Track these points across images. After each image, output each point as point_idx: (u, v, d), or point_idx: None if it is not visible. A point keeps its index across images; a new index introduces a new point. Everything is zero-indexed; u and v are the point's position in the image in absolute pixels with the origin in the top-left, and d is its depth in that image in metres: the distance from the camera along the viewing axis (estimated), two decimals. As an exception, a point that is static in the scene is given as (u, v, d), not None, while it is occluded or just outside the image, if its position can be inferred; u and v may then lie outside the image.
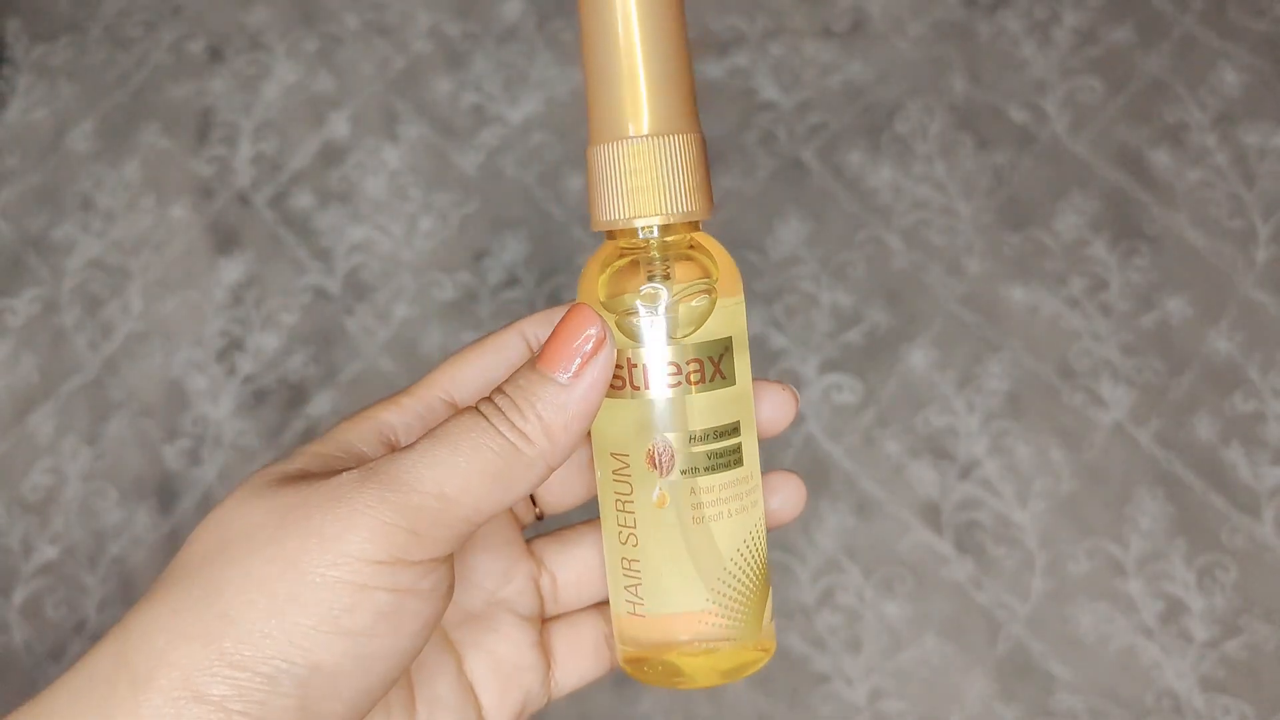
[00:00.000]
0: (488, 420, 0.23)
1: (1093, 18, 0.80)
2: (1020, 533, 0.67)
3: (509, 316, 0.76)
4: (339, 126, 0.83)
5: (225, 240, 0.80)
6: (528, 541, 0.30)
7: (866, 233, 0.76)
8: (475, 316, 0.76)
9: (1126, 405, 0.70)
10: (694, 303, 0.25)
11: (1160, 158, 0.76)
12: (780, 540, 0.68)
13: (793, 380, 0.72)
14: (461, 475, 0.22)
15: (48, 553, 0.72)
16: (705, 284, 0.25)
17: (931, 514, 0.68)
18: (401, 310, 0.77)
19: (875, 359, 0.72)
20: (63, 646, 0.70)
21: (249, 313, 0.78)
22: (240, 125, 0.84)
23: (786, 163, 0.78)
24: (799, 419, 0.71)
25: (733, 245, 0.76)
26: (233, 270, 0.79)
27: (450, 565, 0.23)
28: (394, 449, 0.26)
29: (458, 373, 0.28)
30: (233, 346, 0.77)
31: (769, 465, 0.28)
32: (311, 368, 0.76)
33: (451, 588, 0.23)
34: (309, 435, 0.74)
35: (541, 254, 0.77)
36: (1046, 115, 0.78)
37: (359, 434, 0.26)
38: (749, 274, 0.75)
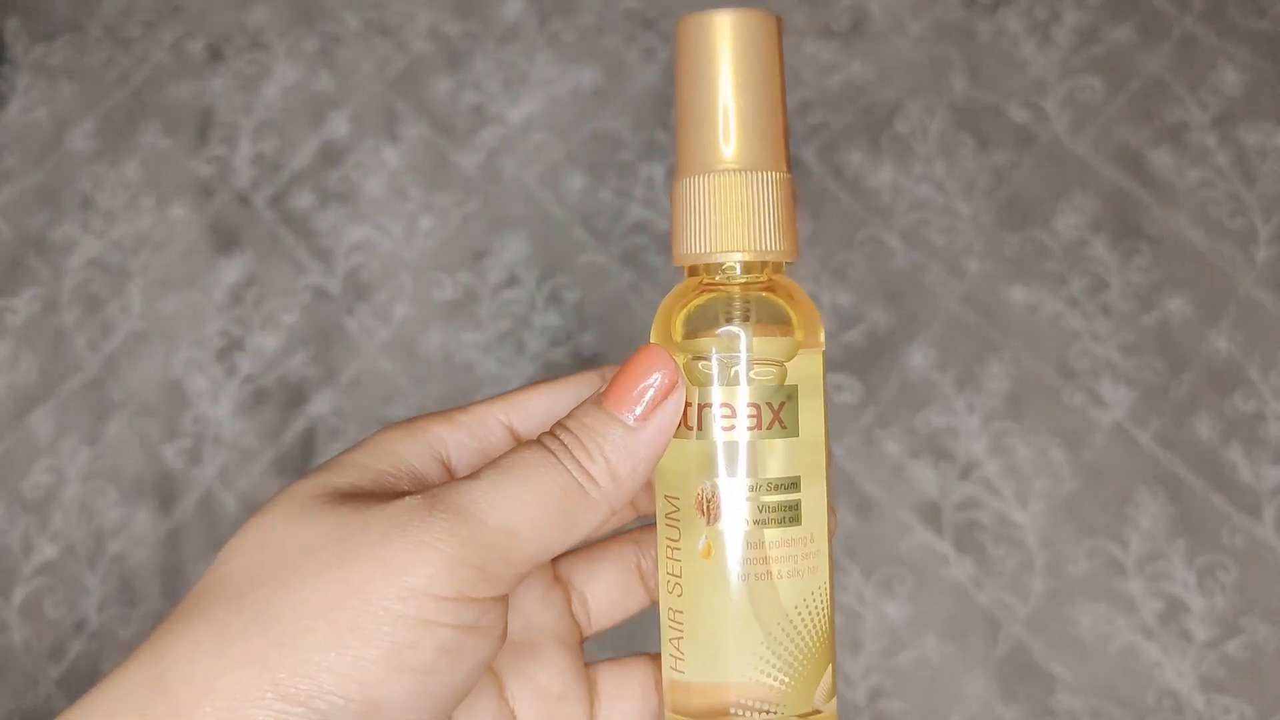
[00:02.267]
0: (555, 457, 0.22)
1: (1093, 17, 0.80)
2: (1020, 533, 0.67)
3: (509, 317, 0.76)
4: (339, 126, 0.83)
5: (225, 240, 0.80)
6: (554, 565, 0.29)
7: (866, 233, 0.76)
8: (475, 316, 0.76)
9: (1126, 405, 0.70)
10: (765, 373, 0.24)
11: (1160, 158, 0.76)
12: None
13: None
14: (530, 513, 0.21)
15: (47, 552, 0.72)
16: (779, 359, 0.24)
17: (931, 514, 0.68)
18: (401, 310, 0.77)
19: (875, 359, 0.72)
20: (62, 646, 0.70)
21: (249, 313, 0.78)
22: (240, 125, 0.84)
23: (786, 163, 0.78)
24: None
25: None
26: (233, 270, 0.79)
27: (506, 602, 0.22)
28: (445, 466, 0.25)
29: (524, 401, 0.27)
30: (233, 346, 0.77)
31: None
32: (311, 368, 0.76)
33: (506, 625, 0.23)
34: (309, 435, 0.74)
35: (541, 254, 0.77)
36: (1047, 115, 0.78)
37: (410, 448, 0.25)
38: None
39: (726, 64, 0.24)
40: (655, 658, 0.28)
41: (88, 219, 0.81)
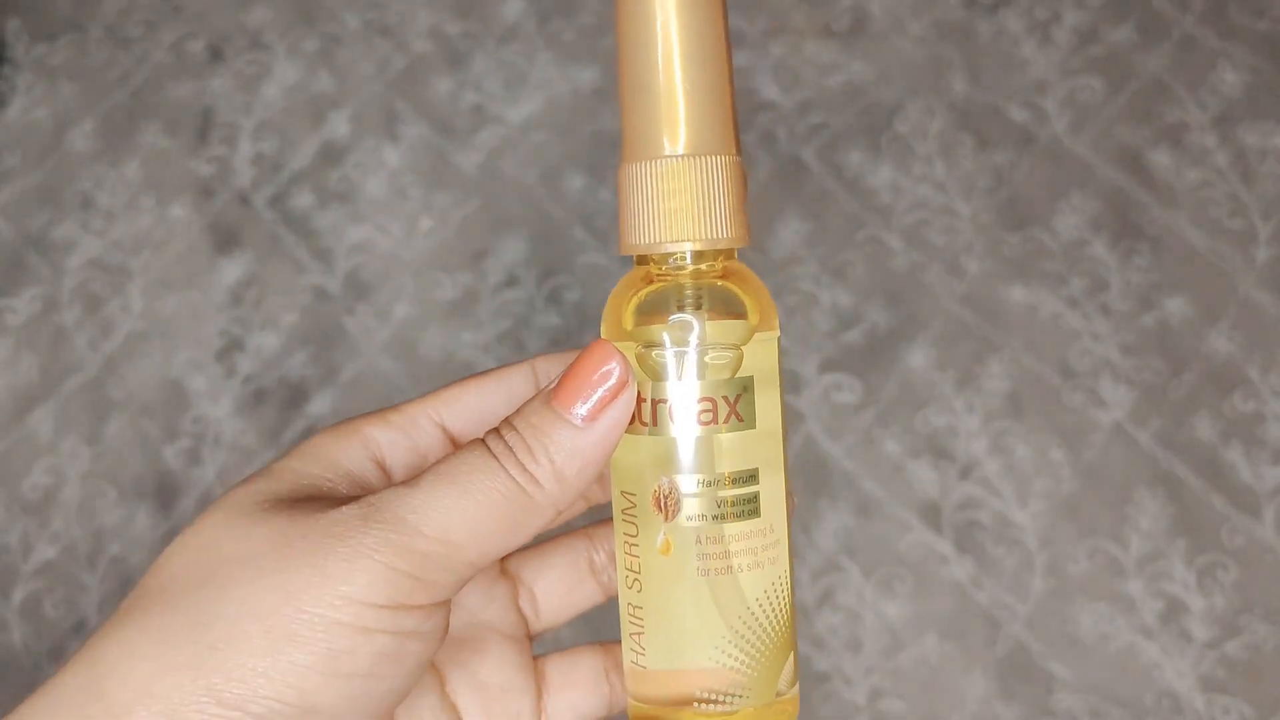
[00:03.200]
0: (497, 460, 0.21)
1: (1093, 18, 0.80)
2: (1020, 533, 0.67)
3: (509, 316, 0.76)
4: (339, 126, 0.83)
5: (225, 240, 0.80)
6: (503, 560, 0.29)
7: (866, 233, 0.76)
8: (475, 317, 0.76)
9: (1126, 405, 0.70)
10: (720, 357, 0.24)
11: (1160, 158, 0.76)
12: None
13: (792, 380, 0.72)
14: (469, 520, 0.21)
15: (47, 552, 0.72)
16: (734, 344, 0.24)
17: (931, 514, 0.68)
18: (401, 310, 0.77)
19: (875, 359, 0.72)
20: (61, 646, 0.70)
21: (249, 313, 0.78)
22: (240, 125, 0.84)
23: (786, 163, 0.78)
24: (799, 419, 0.71)
25: (733, 245, 0.76)
26: (233, 270, 0.79)
27: (449, 607, 0.22)
28: (382, 467, 0.25)
29: (455, 398, 0.26)
30: (233, 346, 0.77)
31: None
32: (311, 368, 0.76)
33: (447, 627, 0.23)
34: (309, 435, 0.74)
35: (541, 254, 0.77)
36: (1046, 115, 0.78)
37: (344, 451, 0.24)
38: (749, 274, 0.75)
39: (669, 43, 0.23)
40: (604, 646, 0.28)
41: (88, 219, 0.81)
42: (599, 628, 0.30)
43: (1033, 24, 0.81)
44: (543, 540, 0.29)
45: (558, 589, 0.29)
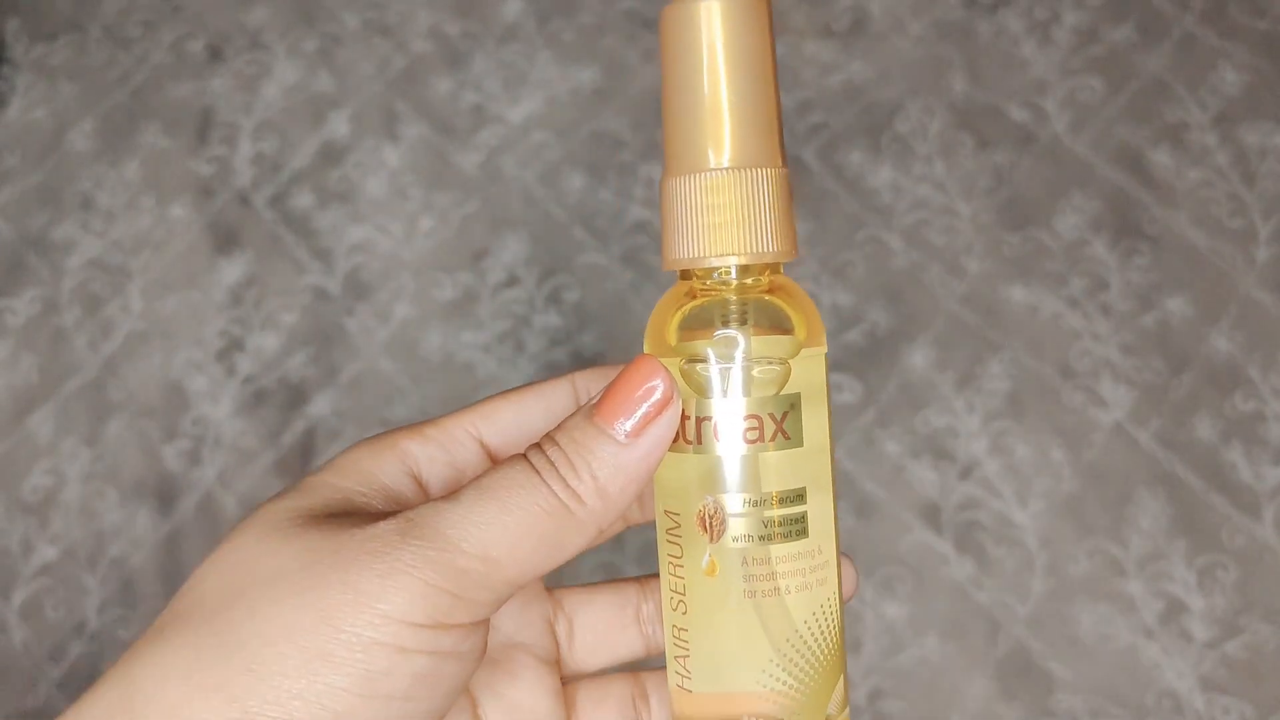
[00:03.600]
0: (539, 476, 0.21)
1: (1093, 17, 0.80)
2: (1020, 533, 0.67)
3: (509, 316, 0.76)
4: (339, 126, 0.83)
5: (225, 240, 0.80)
6: (548, 589, 0.28)
7: (866, 233, 0.76)
8: (475, 316, 0.76)
9: (1126, 405, 0.70)
10: (766, 373, 0.23)
11: (1160, 158, 0.76)
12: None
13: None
14: (510, 537, 0.20)
15: (47, 553, 0.72)
16: (781, 359, 0.23)
17: (931, 514, 0.68)
18: (401, 310, 0.77)
19: (875, 359, 0.72)
20: (62, 647, 0.70)
21: (249, 313, 0.78)
22: (240, 125, 0.84)
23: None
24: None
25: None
26: (233, 270, 0.79)
27: (487, 627, 0.22)
28: (418, 482, 0.25)
29: (493, 412, 0.26)
30: (233, 346, 0.77)
31: None
32: (311, 368, 0.76)
33: (485, 648, 0.22)
34: (309, 436, 0.74)
35: (541, 254, 0.77)
36: (1046, 115, 0.78)
37: (380, 465, 0.24)
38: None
39: (714, 55, 0.23)
40: (635, 675, 0.28)
41: (88, 219, 0.81)
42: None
43: (1033, 24, 0.81)
44: (592, 584, 0.29)
45: (597, 626, 0.28)
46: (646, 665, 0.27)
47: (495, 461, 0.26)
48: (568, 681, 0.28)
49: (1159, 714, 0.63)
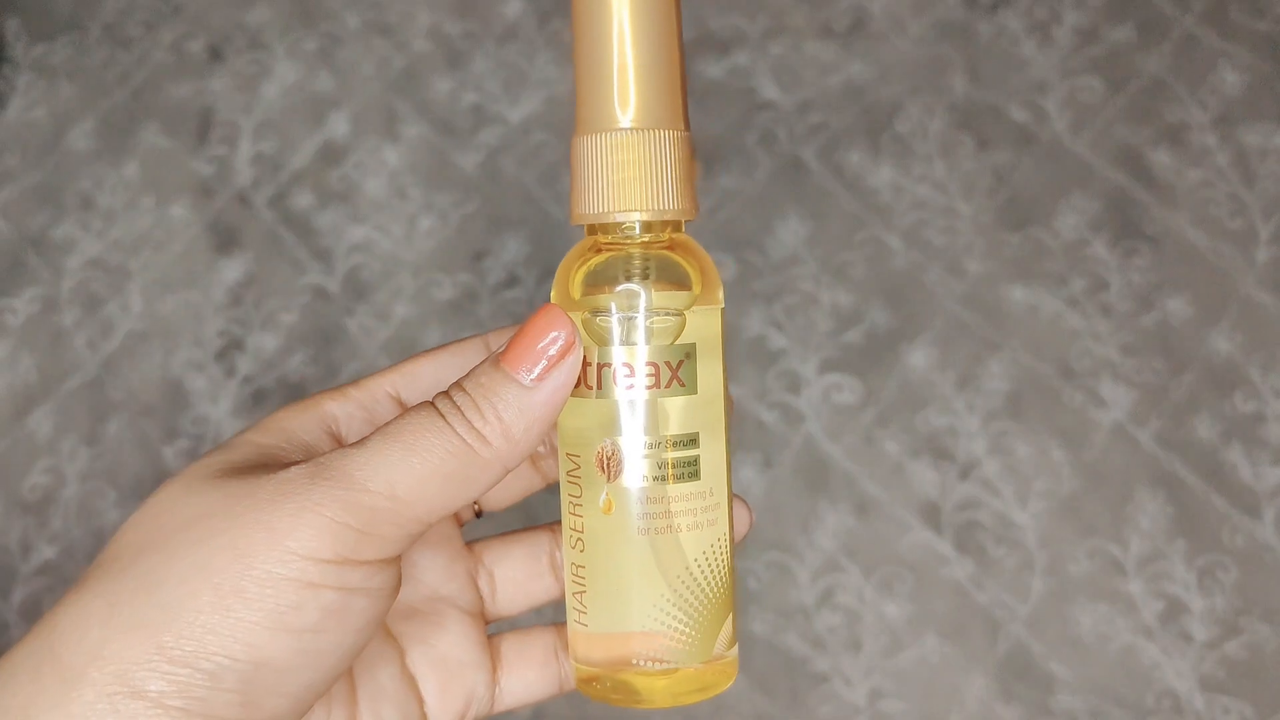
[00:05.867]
0: (444, 419, 0.22)
1: (1093, 17, 0.80)
2: (1020, 533, 0.67)
3: (509, 317, 0.76)
4: (339, 126, 0.83)
5: (225, 240, 0.80)
6: (468, 544, 0.29)
7: (866, 233, 0.76)
8: (475, 316, 0.76)
9: (1126, 405, 0.70)
10: (663, 323, 0.25)
11: (1160, 158, 0.76)
12: (780, 540, 0.68)
13: (792, 380, 0.72)
14: (415, 475, 0.21)
15: (46, 553, 0.72)
16: (677, 309, 0.25)
17: (931, 514, 0.68)
18: (401, 310, 0.77)
19: (875, 359, 0.72)
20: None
21: (249, 313, 0.78)
22: (240, 125, 0.84)
23: (786, 163, 0.78)
24: (799, 419, 0.71)
25: (733, 245, 0.76)
26: (232, 270, 0.79)
27: (398, 564, 0.23)
28: (337, 440, 0.26)
29: (410, 370, 0.27)
30: (232, 346, 0.77)
31: (770, 462, 0.27)
32: (311, 368, 0.76)
33: (398, 585, 0.23)
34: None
35: (541, 254, 0.77)
36: (1047, 115, 0.78)
37: (301, 423, 0.25)
38: (749, 274, 0.75)
39: (622, 20, 0.24)
40: (559, 627, 0.29)
41: (88, 219, 0.81)
42: (553, 618, 0.30)
43: (1033, 24, 0.81)
44: (509, 532, 0.30)
45: (516, 576, 0.29)
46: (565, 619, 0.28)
47: None
48: (492, 627, 0.29)
49: (1159, 714, 0.63)
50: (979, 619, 0.66)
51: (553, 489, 0.30)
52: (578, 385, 0.24)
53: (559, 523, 0.30)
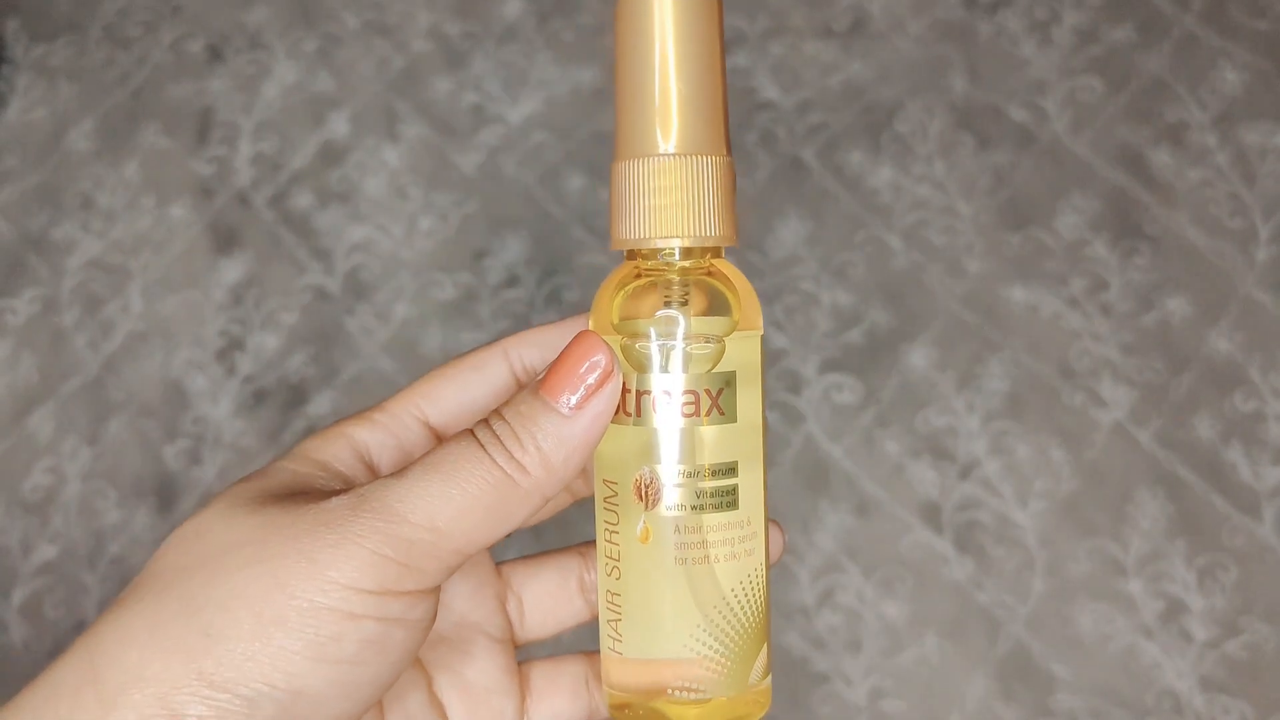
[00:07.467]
0: (484, 449, 0.22)
1: (1093, 17, 0.80)
2: (1020, 533, 0.67)
3: (509, 317, 0.76)
4: (339, 126, 0.83)
5: (225, 240, 0.80)
6: (497, 565, 0.29)
7: (866, 233, 0.76)
8: (475, 316, 0.76)
9: (1126, 405, 0.70)
10: (702, 349, 0.24)
11: (1160, 157, 0.76)
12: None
13: (792, 380, 0.72)
14: (455, 507, 0.21)
15: (47, 552, 0.72)
16: (717, 336, 0.24)
17: (931, 514, 0.68)
18: (401, 310, 0.77)
19: (875, 359, 0.72)
20: (62, 646, 0.70)
21: (249, 313, 0.78)
22: (240, 125, 0.84)
23: (786, 163, 0.78)
24: (799, 419, 0.71)
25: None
26: (233, 270, 0.79)
27: (437, 595, 0.23)
28: (371, 468, 0.26)
29: (434, 391, 0.27)
30: (233, 346, 0.77)
31: (771, 462, 0.27)
32: (311, 368, 0.76)
33: (435, 616, 0.23)
34: (309, 435, 0.74)
35: (541, 254, 0.77)
36: (1047, 115, 0.78)
37: (333, 452, 0.25)
38: (749, 274, 0.75)
39: (665, 45, 0.24)
40: (589, 656, 0.29)
41: (88, 219, 0.81)
42: (584, 643, 0.30)
43: (1033, 24, 0.81)
44: (537, 554, 0.30)
45: (544, 600, 0.29)
46: (596, 644, 0.28)
47: (440, 440, 0.27)
48: (521, 653, 0.29)
49: (1159, 714, 0.63)
50: (979, 619, 0.66)
51: (579, 505, 0.30)
52: (616, 412, 0.24)
53: (587, 544, 0.29)
